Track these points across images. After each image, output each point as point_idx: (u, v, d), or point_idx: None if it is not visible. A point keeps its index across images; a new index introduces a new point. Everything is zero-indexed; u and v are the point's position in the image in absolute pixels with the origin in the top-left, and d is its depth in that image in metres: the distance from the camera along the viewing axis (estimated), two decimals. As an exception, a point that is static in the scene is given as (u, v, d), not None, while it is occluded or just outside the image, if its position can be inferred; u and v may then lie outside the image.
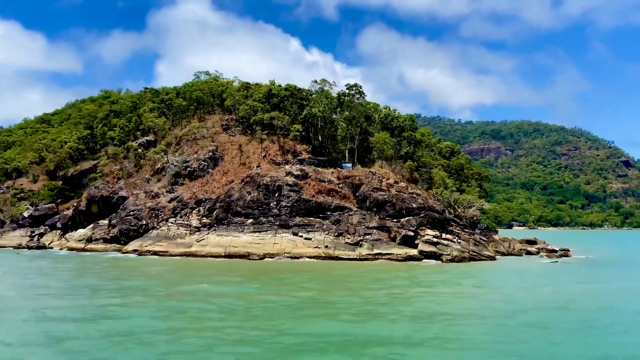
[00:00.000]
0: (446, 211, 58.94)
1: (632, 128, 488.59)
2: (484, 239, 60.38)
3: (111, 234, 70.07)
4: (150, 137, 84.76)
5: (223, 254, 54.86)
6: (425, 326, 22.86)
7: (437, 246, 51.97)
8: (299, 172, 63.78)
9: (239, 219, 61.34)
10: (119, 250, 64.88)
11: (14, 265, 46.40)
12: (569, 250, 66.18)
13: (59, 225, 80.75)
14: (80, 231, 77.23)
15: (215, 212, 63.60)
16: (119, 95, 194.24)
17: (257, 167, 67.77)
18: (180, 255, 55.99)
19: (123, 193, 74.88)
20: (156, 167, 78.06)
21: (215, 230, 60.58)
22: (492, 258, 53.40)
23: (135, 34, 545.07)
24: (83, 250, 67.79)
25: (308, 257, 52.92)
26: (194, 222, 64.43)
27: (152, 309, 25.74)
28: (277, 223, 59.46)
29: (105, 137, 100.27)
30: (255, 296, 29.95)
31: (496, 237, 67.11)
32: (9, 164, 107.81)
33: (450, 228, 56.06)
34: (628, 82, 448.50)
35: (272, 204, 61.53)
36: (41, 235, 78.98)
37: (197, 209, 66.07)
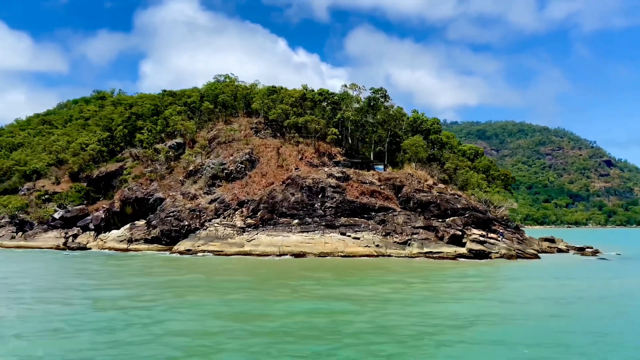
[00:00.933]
0: (488, 211, 62.11)
1: (612, 128, 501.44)
2: (520, 237, 63.73)
3: (152, 235, 71.81)
4: (179, 140, 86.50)
5: (277, 253, 57.11)
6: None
7: (485, 245, 55.07)
8: (340, 174, 66.38)
9: (285, 219, 63.68)
10: (164, 251, 66.77)
11: (87, 268, 47.94)
12: (590, 247, 69.93)
13: (91, 226, 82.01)
14: (115, 232, 78.73)
15: (259, 213, 65.79)
16: (121, 97, 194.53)
17: (296, 169, 70.15)
18: (235, 254, 58.07)
19: (159, 195, 76.64)
20: (189, 169, 80.00)
21: (263, 230, 62.77)
22: (536, 256, 56.61)
23: (122, 34, 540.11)
24: (127, 250, 69.38)
25: (360, 255, 55.48)
26: (239, 222, 66.54)
27: (323, 304, 27.07)
28: (323, 223, 61.97)
29: (126, 139, 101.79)
30: (380, 291, 32.12)
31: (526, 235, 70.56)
32: (27, 166, 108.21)
33: (494, 227, 59.29)
34: (609, 84, 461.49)
35: (316, 205, 64.03)
36: (75, 236, 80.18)
37: (240, 210, 68.18)
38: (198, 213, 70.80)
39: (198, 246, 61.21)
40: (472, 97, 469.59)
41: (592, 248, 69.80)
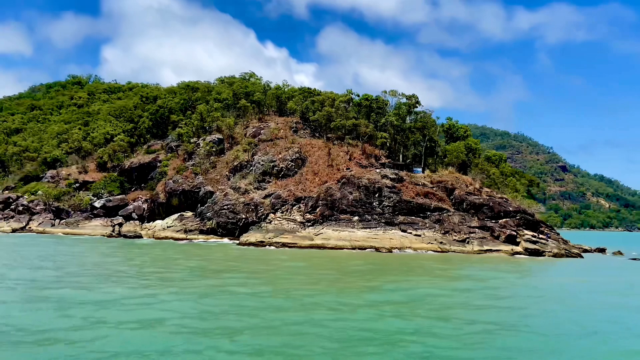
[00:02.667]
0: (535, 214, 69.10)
1: (565, 136, 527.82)
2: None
3: (207, 226, 75.37)
4: (219, 136, 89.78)
5: (349, 247, 62.05)
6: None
7: (537, 244, 61.86)
8: (394, 176, 71.91)
9: (345, 216, 68.66)
10: (221, 240, 70.70)
11: (200, 255, 51.41)
12: (604, 249, 78.14)
13: (134, 215, 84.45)
14: (160, 222, 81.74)
15: (318, 210, 70.46)
16: (98, 84, 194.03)
17: (347, 169, 75.19)
18: (309, 247, 62.60)
19: (209, 188, 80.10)
20: (234, 165, 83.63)
21: (328, 225, 67.53)
22: (580, 255, 63.88)
23: (89, 18, 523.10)
24: (185, 239, 72.63)
25: (426, 251, 61.20)
26: (298, 218, 71.03)
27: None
28: (383, 221, 67.35)
29: (152, 131, 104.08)
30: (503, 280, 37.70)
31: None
32: (42, 153, 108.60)
33: (541, 229, 66.26)
34: (564, 94, 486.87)
35: (374, 204, 69.34)
36: (120, 225, 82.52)
37: (298, 205, 72.62)
38: (253, 207, 74.80)
39: (269, 238, 65.31)
40: (436, 100, 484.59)
41: (604, 249, 77.90)
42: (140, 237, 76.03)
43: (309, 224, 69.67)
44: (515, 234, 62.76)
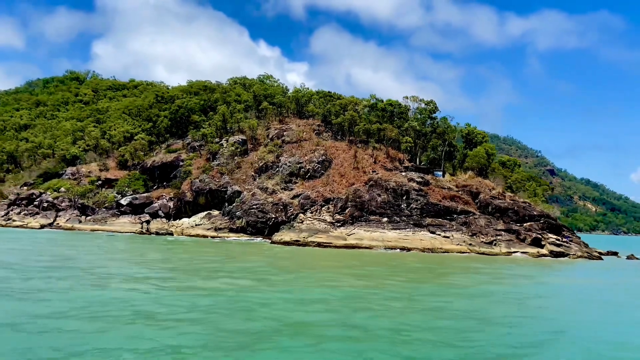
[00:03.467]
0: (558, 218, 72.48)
1: (552, 140, 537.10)
2: (574, 241, 74.57)
3: (237, 225, 77.64)
4: (242, 137, 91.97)
5: (382, 247, 64.84)
6: None
7: (561, 247, 65.24)
8: (420, 179, 74.88)
9: (375, 217, 71.43)
10: (253, 238, 73.03)
11: (257, 252, 53.74)
12: (617, 253, 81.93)
13: (160, 213, 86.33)
14: (186, 220, 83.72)
15: (347, 210, 73.14)
16: (97, 80, 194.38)
17: (373, 172, 77.97)
18: (343, 247, 65.24)
19: (236, 188, 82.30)
20: (259, 165, 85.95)
21: (359, 226, 70.22)
22: (600, 258, 67.42)
23: (83, 14, 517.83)
24: (217, 237, 74.82)
25: (456, 252, 64.20)
26: (327, 218, 73.62)
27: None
28: (412, 222, 70.24)
29: (172, 130, 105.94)
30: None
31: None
32: (65, 151, 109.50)
33: (563, 232, 69.67)
34: (553, 99, 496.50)
35: (402, 206, 72.21)
36: (147, 222, 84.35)
37: (327, 206, 75.23)
38: (282, 207, 77.22)
39: (304, 238, 67.82)
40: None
41: (617, 253, 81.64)
42: (171, 234, 78.01)
43: (339, 224, 72.28)
44: (540, 237, 66.03)
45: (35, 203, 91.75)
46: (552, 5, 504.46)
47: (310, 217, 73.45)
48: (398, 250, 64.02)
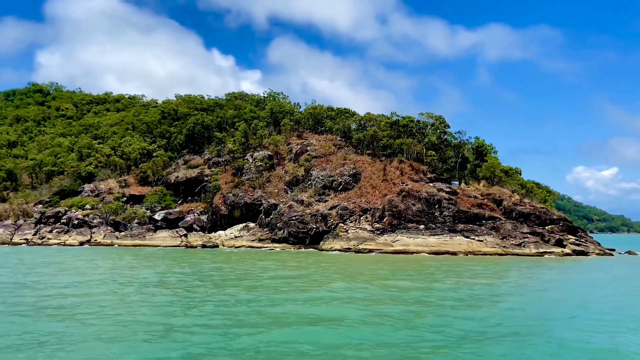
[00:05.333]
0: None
1: (498, 144, 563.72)
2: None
3: (279, 235, 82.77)
4: (267, 152, 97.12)
5: (428, 252, 71.92)
6: None
7: (580, 246, 74.42)
8: (449, 189, 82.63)
9: (412, 225, 78.47)
10: (299, 248, 78.35)
11: (338, 264, 59.27)
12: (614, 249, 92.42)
13: (195, 227, 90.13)
14: (222, 232, 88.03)
15: (385, 219, 79.86)
16: (64, 93, 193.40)
17: (403, 184, 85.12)
18: (392, 252, 71.90)
19: (272, 201, 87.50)
20: (288, 179, 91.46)
21: (400, 233, 77.03)
22: (611, 254, 77.11)
23: (32, 24, 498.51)
24: (263, 248, 79.61)
25: (493, 254, 72.09)
26: (367, 226, 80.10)
27: None
28: (446, 228, 77.73)
29: (188, 145, 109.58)
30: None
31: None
32: (74, 168, 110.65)
33: (579, 233, 79.00)
34: (498, 107, 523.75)
35: (436, 214, 79.64)
36: (185, 235, 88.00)
37: (365, 216, 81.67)
38: (321, 218, 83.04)
39: (355, 245, 74.02)
40: (381, 109, 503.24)
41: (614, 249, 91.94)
42: (216, 246, 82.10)
43: (378, 232, 78.89)
44: (562, 238, 74.98)
45: (62, 221, 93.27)
46: (498, 19, 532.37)
47: (352, 227, 79.63)
48: (444, 254, 71.13)
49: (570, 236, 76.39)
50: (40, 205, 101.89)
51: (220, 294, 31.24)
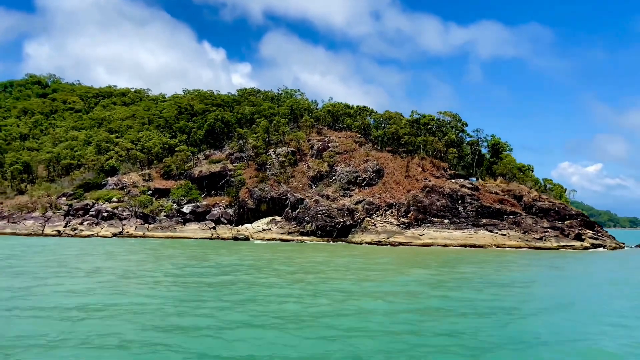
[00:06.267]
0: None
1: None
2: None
3: (307, 229, 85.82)
4: (290, 148, 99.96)
5: (455, 245, 75.50)
6: None
7: (598, 240, 78.55)
8: (470, 185, 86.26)
9: (437, 219, 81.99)
10: (327, 241, 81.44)
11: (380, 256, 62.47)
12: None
13: (222, 220, 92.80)
14: (249, 225, 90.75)
15: (410, 214, 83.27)
16: (67, 86, 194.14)
17: (425, 180, 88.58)
18: (421, 245, 75.37)
19: (299, 195, 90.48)
20: (312, 174, 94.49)
21: (426, 227, 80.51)
22: (622, 247, 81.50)
23: (23, 14, 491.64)
24: (293, 240, 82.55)
25: (516, 247, 75.86)
26: (393, 221, 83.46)
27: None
28: (470, 223, 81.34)
29: (208, 140, 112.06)
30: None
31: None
32: (94, 161, 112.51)
33: (595, 228, 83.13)
34: (489, 103, 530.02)
35: (459, 209, 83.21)
36: (214, 228, 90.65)
37: (390, 210, 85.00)
38: (347, 212, 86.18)
39: (385, 238, 77.41)
40: (372, 104, 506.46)
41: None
42: (247, 239, 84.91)
43: (404, 226, 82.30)
44: (581, 232, 79.03)
45: (91, 213, 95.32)
46: (490, 16, 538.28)
47: (379, 221, 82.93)
48: (471, 247, 74.75)
49: (587, 230, 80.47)
50: (64, 198, 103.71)
51: (345, 282, 34.29)
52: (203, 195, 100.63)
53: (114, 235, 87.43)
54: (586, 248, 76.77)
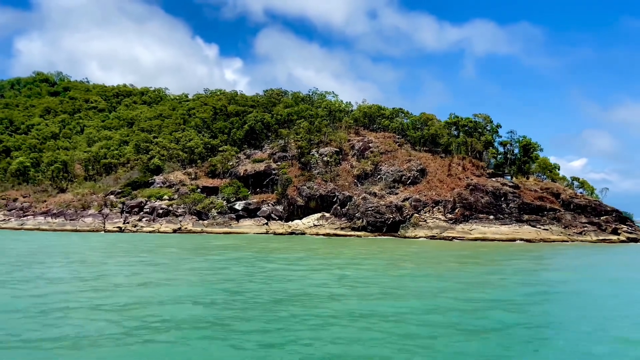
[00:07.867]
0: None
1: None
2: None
3: (357, 224, 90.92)
4: (334, 148, 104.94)
5: (505, 239, 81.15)
6: None
7: (633, 234, 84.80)
8: (511, 183, 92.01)
9: (483, 215, 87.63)
10: (378, 235, 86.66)
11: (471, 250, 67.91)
12: None
13: (273, 216, 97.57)
14: (298, 221, 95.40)
15: (457, 210, 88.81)
16: (73, 83, 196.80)
17: (467, 178, 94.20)
18: (473, 239, 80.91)
19: (347, 193, 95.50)
20: (356, 173, 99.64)
21: (474, 223, 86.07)
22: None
23: (18, 11, 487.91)
24: (346, 235, 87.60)
25: (560, 241, 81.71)
26: (441, 217, 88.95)
27: None
28: (514, 219, 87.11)
29: (248, 140, 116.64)
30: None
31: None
32: (149, 162, 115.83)
33: (628, 222, 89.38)
34: (482, 100, 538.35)
35: (502, 206, 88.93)
36: (266, 224, 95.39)
37: (437, 207, 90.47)
38: (395, 209, 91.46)
39: (437, 233, 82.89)
40: (366, 100, 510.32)
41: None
42: (303, 234, 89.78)
43: (452, 222, 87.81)
44: (617, 227, 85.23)
45: (146, 210, 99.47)
46: (482, 15, 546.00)
47: (428, 217, 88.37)
48: (518, 241, 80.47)
49: (622, 225, 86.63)
50: (112, 196, 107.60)
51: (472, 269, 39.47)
52: (249, 193, 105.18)
53: (174, 231, 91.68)
54: (622, 241, 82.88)
